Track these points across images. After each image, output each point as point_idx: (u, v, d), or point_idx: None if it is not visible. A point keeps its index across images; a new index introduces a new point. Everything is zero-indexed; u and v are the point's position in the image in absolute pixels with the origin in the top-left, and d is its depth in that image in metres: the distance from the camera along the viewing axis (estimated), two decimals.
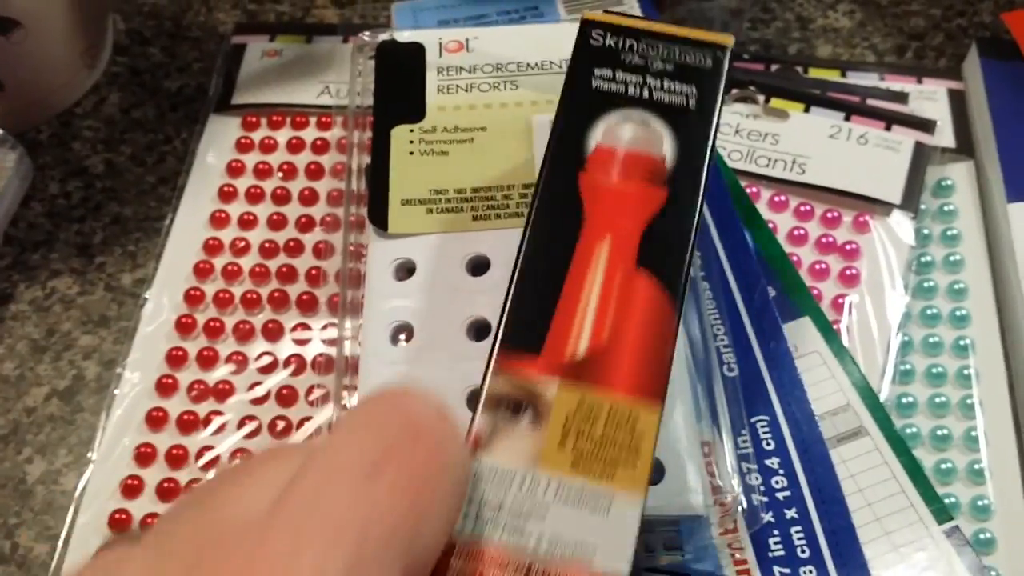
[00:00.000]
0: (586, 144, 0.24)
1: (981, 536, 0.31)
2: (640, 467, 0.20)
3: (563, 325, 0.22)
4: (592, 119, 0.24)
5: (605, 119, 0.24)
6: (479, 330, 0.29)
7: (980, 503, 0.31)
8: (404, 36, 0.36)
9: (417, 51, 0.36)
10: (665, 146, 0.24)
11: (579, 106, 0.25)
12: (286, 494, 0.16)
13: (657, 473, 0.27)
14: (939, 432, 0.33)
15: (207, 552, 0.15)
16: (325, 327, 0.36)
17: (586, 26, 0.26)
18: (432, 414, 0.18)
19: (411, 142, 0.34)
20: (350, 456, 0.16)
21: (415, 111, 0.34)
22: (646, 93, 0.25)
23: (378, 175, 0.33)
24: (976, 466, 0.32)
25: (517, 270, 0.23)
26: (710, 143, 0.24)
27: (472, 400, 0.21)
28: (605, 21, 0.26)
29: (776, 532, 0.29)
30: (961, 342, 0.35)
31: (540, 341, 0.22)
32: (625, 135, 0.24)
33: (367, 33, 0.37)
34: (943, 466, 0.32)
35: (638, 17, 0.27)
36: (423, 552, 0.16)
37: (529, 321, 0.22)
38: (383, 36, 0.36)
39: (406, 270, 0.31)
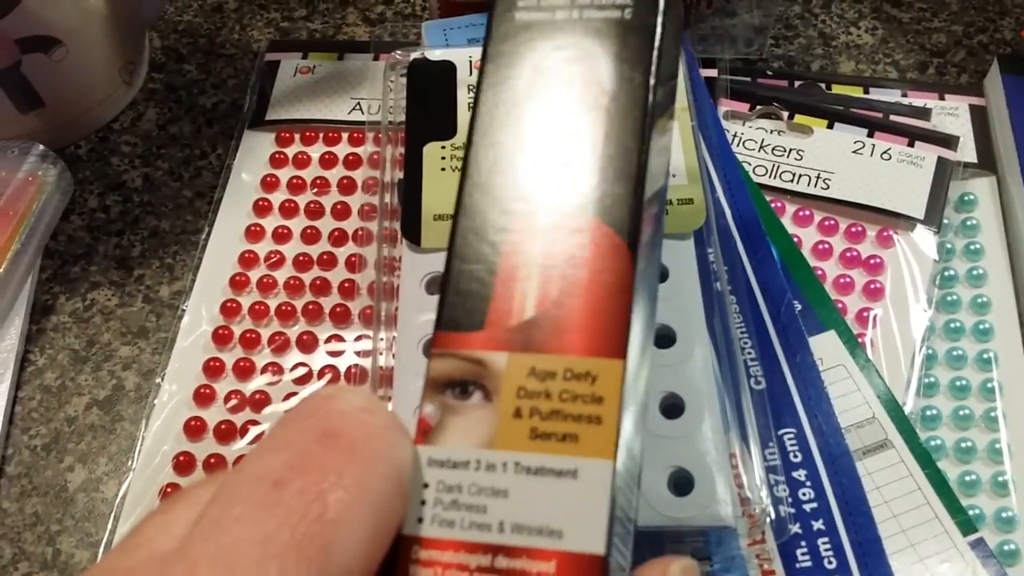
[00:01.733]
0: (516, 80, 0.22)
1: (1006, 548, 0.31)
2: (605, 430, 0.18)
3: (504, 291, 0.20)
4: (521, 53, 0.22)
5: (534, 48, 0.22)
6: None
7: (1004, 515, 0.32)
8: (435, 55, 0.37)
9: (448, 69, 0.37)
10: (602, 69, 0.21)
11: (507, 42, 0.22)
12: (192, 527, 0.15)
13: (686, 484, 0.28)
14: (963, 444, 0.33)
15: None
16: (358, 339, 0.36)
17: None
18: (354, 411, 0.16)
19: (443, 158, 0.35)
20: (253, 475, 0.15)
21: (447, 128, 0.35)
22: (576, 13, 0.22)
23: (411, 191, 0.34)
24: (1000, 478, 0.32)
25: (451, 236, 0.20)
26: (653, 58, 0.21)
27: None
28: None
29: (803, 543, 0.29)
30: (984, 355, 0.35)
31: (482, 314, 0.19)
32: (558, 66, 0.22)
33: (399, 52, 0.38)
34: (967, 478, 0.32)
35: None
36: (344, 563, 0.15)
37: (468, 294, 0.20)
38: (415, 54, 0.37)
39: (438, 284, 0.32)
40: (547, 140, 0.21)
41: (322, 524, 0.15)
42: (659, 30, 0.21)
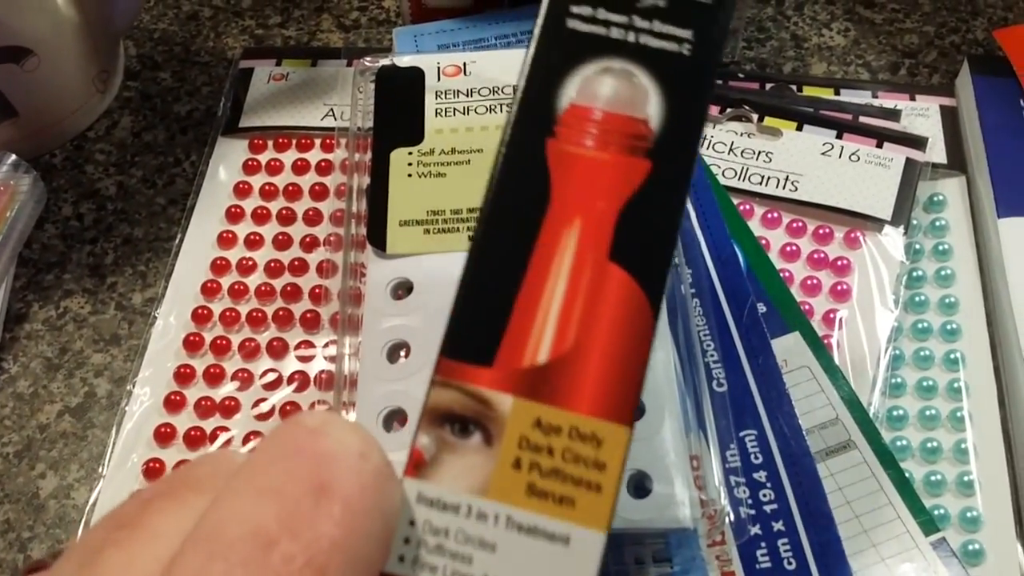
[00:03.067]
0: (558, 102, 0.20)
1: (970, 547, 0.31)
2: (603, 499, 0.17)
3: (520, 330, 0.19)
4: (567, 70, 0.20)
5: (582, 70, 0.20)
6: None
7: (969, 515, 0.32)
8: (404, 61, 0.37)
9: (416, 75, 0.37)
10: (651, 106, 0.20)
11: (552, 54, 0.20)
12: (170, 566, 0.14)
13: (645, 487, 0.28)
14: (929, 444, 0.33)
15: None
16: (328, 344, 0.37)
17: None
18: (347, 458, 0.15)
19: (410, 164, 0.35)
20: (241, 528, 0.14)
21: (414, 134, 0.35)
22: (632, 36, 0.20)
23: (377, 197, 0.34)
24: (966, 478, 0.33)
25: (467, 262, 0.19)
26: (706, 102, 0.20)
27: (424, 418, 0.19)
28: None
29: (763, 545, 0.30)
30: (951, 355, 0.35)
31: (493, 349, 0.18)
32: (604, 90, 0.20)
33: (368, 58, 0.38)
34: (933, 478, 0.33)
35: None
36: None
37: (481, 324, 0.19)
38: (384, 61, 0.37)
39: (404, 289, 0.32)
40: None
41: None
42: (713, 74, 0.20)
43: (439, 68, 0.37)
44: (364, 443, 0.16)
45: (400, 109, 0.36)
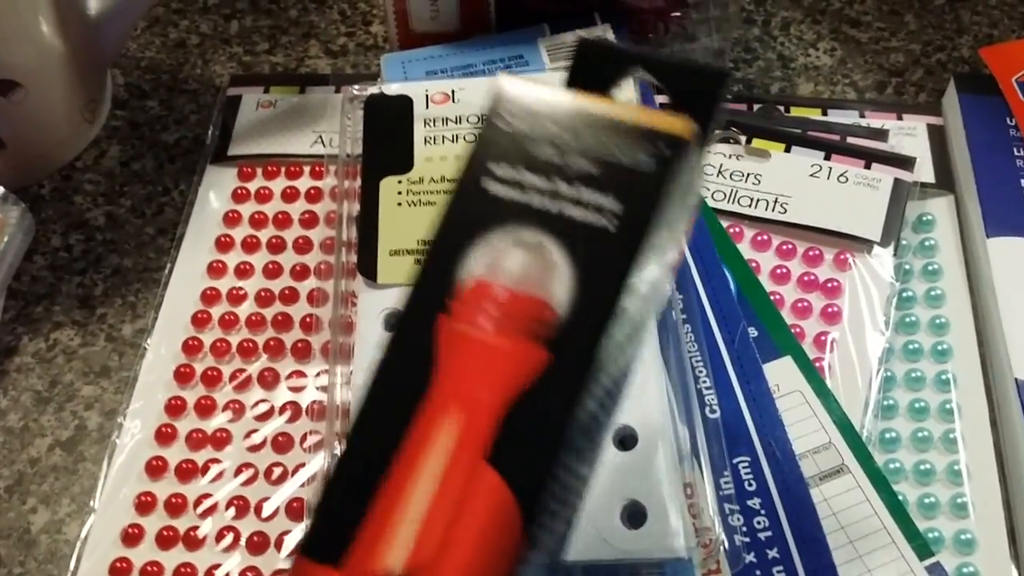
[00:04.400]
0: (459, 273, 0.18)
1: (964, 570, 0.31)
2: None
3: (376, 532, 0.17)
4: (475, 237, 0.18)
5: (492, 238, 0.18)
6: None
7: (963, 537, 0.32)
8: (392, 89, 0.37)
9: (404, 103, 0.37)
10: (558, 286, 0.18)
11: (463, 217, 0.18)
12: None
13: (640, 517, 0.28)
14: (922, 467, 0.33)
15: None
16: (319, 374, 0.36)
17: (495, 100, 0.19)
18: None
19: (399, 193, 0.35)
20: None
21: (403, 162, 0.36)
22: (553, 205, 0.18)
23: (367, 226, 0.34)
24: (959, 500, 0.33)
25: (341, 451, 0.18)
26: (621, 289, 0.17)
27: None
28: (517, 86, 0.20)
29: (758, 572, 0.30)
30: (943, 376, 0.35)
31: (343, 549, 0.17)
32: (511, 266, 0.18)
33: (356, 87, 0.38)
34: (926, 500, 0.33)
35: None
36: None
37: (337, 521, 0.17)
38: (372, 89, 0.37)
39: (396, 318, 0.32)
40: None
41: None
42: (638, 255, 0.17)
43: (427, 96, 0.37)
44: None
45: (389, 137, 0.36)
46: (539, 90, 0.19)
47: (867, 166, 0.39)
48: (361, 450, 0.17)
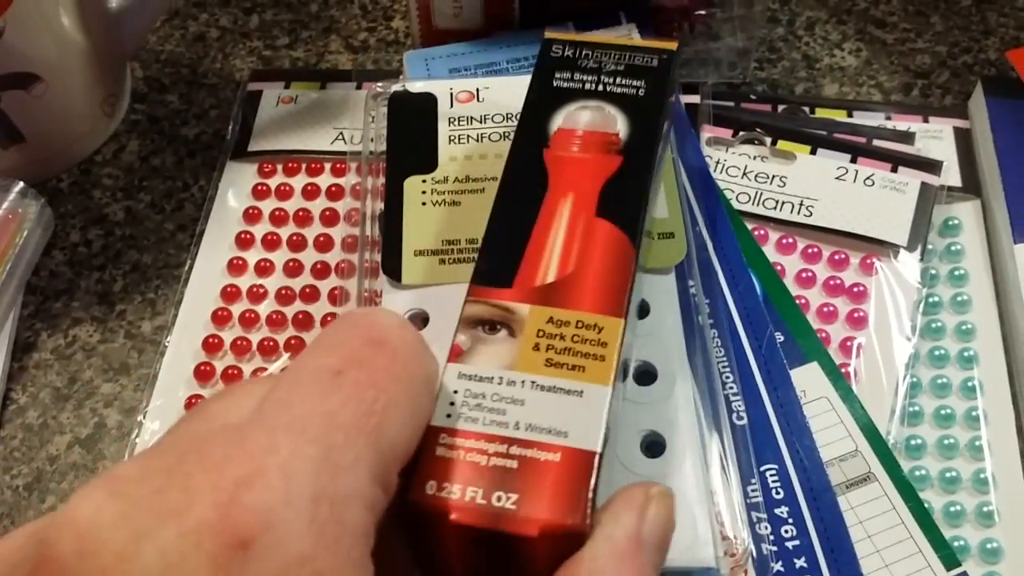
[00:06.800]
0: (548, 128, 0.28)
1: None
2: (607, 364, 0.22)
3: (532, 261, 0.25)
4: (553, 109, 0.28)
5: (565, 108, 0.28)
6: None
7: (989, 546, 0.32)
8: (416, 87, 0.37)
9: (429, 101, 0.36)
10: (619, 125, 0.28)
11: (542, 101, 0.28)
12: (263, 402, 0.18)
13: None
14: (948, 474, 0.33)
15: (192, 450, 0.17)
16: None
17: (547, 43, 0.30)
18: (393, 326, 0.19)
19: (423, 192, 0.34)
20: (316, 365, 0.18)
21: (427, 161, 0.35)
22: (600, 87, 0.28)
23: (391, 226, 0.34)
24: (985, 508, 0.32)
25: (488, 223, 0.26)
26: (661, 119, 0.28)
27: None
28: (564, 38, 0.30)
29: None
30: (969, 383, 0.35)
31: (511, 276, 0.24)
32: (583, 119, 0.28)
33: (380, 84, 0.37)
34: (952, 508, 0.32)
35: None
36: (391, 443, 0.18)
37: (500, 260, 0.25)
38: (396, 86, 0.37)
39: (420, 320, 0.32)
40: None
41: (375, 408, 0.18)
42: (662, 105, 0.28)
43: (452, 94, 0.37)
44: (402, 319, 0.20)
45: (413, 136, 0.36)
46: (573, 35, 0.31)
47: (893, 169, 0.39)
48: (507, 220, 0.26)
